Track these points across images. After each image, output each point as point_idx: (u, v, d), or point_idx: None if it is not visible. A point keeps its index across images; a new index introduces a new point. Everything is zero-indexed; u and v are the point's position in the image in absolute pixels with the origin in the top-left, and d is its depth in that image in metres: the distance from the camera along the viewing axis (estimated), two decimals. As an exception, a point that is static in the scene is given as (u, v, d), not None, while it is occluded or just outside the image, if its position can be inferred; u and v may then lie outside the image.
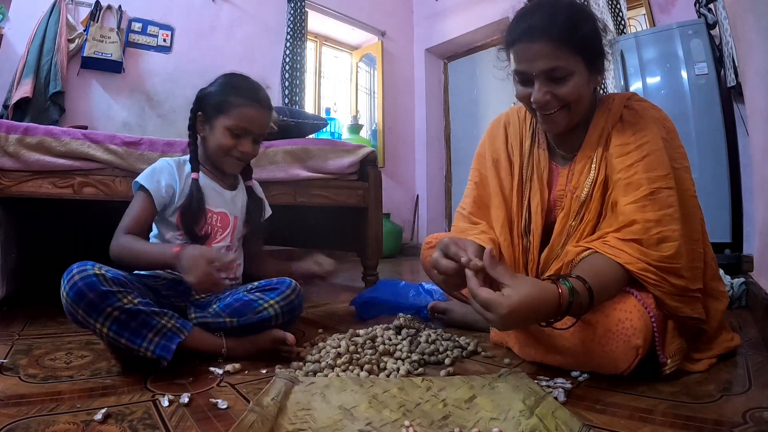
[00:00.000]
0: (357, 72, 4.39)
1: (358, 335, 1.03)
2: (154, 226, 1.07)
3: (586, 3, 2.66)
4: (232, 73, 1.11)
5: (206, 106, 1.07)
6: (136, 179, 1.04)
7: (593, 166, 0.90)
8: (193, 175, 1.06)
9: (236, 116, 1.04)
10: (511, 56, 0.86)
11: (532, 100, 0.85)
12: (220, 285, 0.87)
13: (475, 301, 0.69)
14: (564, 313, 0.71)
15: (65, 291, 0.78)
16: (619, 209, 0.83)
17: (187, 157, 1.09)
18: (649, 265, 0.76)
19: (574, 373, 0.81)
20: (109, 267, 0.83)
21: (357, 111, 4.29)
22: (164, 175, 1.05)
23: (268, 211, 1.27)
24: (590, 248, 0.81)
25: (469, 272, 0.71)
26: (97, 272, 0.79)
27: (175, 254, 0.88)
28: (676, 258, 0.77)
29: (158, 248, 0.94)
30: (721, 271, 1.05)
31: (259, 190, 1.26)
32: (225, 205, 1.11)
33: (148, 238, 1.06)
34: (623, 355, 0.74)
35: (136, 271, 0.98)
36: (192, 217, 1.03)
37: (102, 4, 2.67)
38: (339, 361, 0.85)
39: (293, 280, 1.02)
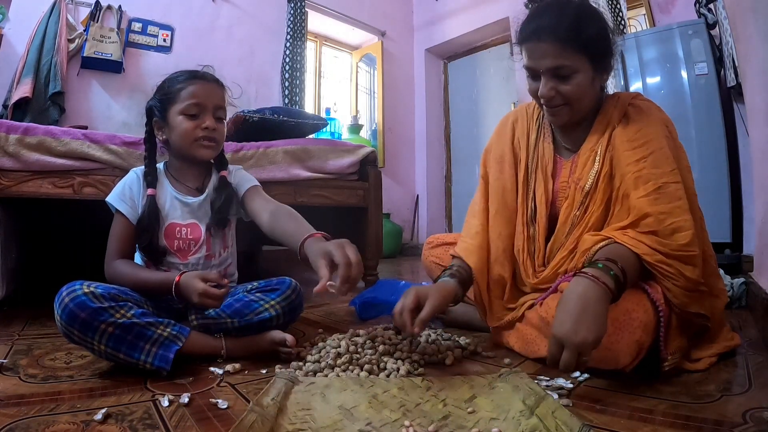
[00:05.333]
0: (357, 72, 4.38)
1: (358, 335, 1.03)
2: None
3: (586, 3, 2.66)
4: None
5: (155, 111, 1.05)
6: (109, 198, 1.02)
7: (597, 158, 0.93)
8: (149, 191, 1.03)
9: (185, 97, 1.00)
10: (523, 52, 0.92)
11: (538, 94, 0.91)
12: (220, 299, 0.88)
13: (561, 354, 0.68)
14: (616, 290, 0.72)
15: (58, 315, 0.79)
16: (631, 203, 0.85)
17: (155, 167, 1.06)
18: (666, 256, 0.78)
19: (575, 374, 0.81)
20: (99, 282, 0.83)
21: (357, 111, 4.29)
22: (134, 190, 1.03)
23: (252, 182, 1.14)
24: (609, 237, 0.82)
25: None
26: (86, 290, 0.79)
27: (177, 283, 0.89)
28: (692, 246, 0.79)
29: (159, 277, 0.93)
30: (721, 271, 1.06)
31: (237, 175, 1.14)
32: (193, 214, 1.06)
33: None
34: (626, 348, 0.74)
35: None
36: (146, 234, 1.00)
37: (102, 4, 2.67)
38: (339, 361, 0.85)
39: (293, 280, 1.02)
